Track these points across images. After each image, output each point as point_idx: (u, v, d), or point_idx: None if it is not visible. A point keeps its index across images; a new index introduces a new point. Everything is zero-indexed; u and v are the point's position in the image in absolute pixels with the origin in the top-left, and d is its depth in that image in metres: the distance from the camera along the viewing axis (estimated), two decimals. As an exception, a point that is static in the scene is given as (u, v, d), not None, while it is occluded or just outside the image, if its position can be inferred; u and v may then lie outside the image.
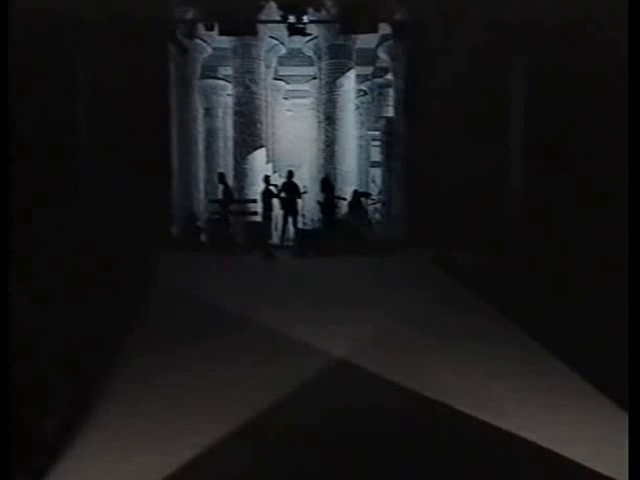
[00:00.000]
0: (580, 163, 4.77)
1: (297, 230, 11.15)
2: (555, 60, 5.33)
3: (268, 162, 14.49)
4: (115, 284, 5.33)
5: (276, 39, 14.21)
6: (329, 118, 13.97)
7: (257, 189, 12.92)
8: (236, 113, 13.78)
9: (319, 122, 14.65)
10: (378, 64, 16.36)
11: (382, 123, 14.66)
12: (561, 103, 5.19)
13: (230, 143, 15.38)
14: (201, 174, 15.58)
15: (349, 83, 14.08)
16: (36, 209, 4.22)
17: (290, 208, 11.05)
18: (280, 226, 11.39)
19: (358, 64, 14.51)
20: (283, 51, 15.09)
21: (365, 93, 19.36)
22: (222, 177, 11.89)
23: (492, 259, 6.34)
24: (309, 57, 15.25)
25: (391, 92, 15.44)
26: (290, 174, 11.27)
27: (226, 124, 17.53)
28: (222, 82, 17.16)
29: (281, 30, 12.17)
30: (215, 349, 4.44)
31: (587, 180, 4.57)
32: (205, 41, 13.87)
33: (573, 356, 3.90)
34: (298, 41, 13.48)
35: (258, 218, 11.73)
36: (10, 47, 2.34)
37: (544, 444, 2.81)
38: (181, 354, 4.29)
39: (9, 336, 2.19)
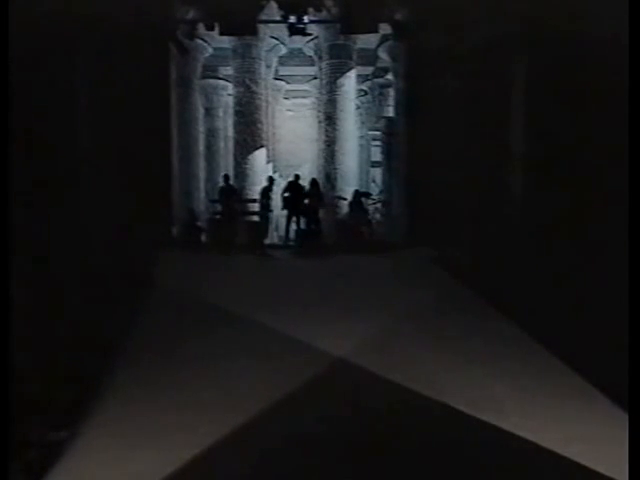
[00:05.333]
0: (580, 163, 4.77)
1: (298, 230, 11.16)
2: (555, 60, 5.33)
3: (268, 162, 14.47)
4: (115, 284, 5.33)
5: (277, 39, 14.19)
6: (329, 118, 13.96)
7: (257, 189, 12.91)
8: (237, 113, 13.77)
9: (319, 122, 14.63)
10: (378, 64, 16.33)
11: (382, 123, 14.64)
12: (561, 103, 5.19)
13: (230, 143, 15.35)
14: (201, 174, 15.57)
15: (350, 83, 14.06)
16: (36, 209, 4.22)
17: (295, 209, 11.09)
18: (284, 226, 11.44)
19: (359, 64, 14.48)
20: (284, 51, 15.07)
21: (365, 93, 19.34)
22: (227, 178, 11.97)
23: (491, 259, 6.34)
24: (310, 57, 15.22)
25: (391, 92, 15.41)
26: (297, 176, 11.39)
27: (227, 124, 17.50)
28: (223, 82, 17.13)
29: (282, 30, 12.16)
30: (215, 349, 4.44)
31: (587, 180, 4.57)
32: (206, 41, 13.85)
33: (573, 356, 3.90)
34: (299, 41, 13.46)
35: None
36: (10, 47, 2.34)
37: (544, 444, 2.81)
38: (181, 354, 4.30)
39: (9, 336, 2.19)
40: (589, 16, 4.46)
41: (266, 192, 11.36)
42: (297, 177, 11.43)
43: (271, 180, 11.56)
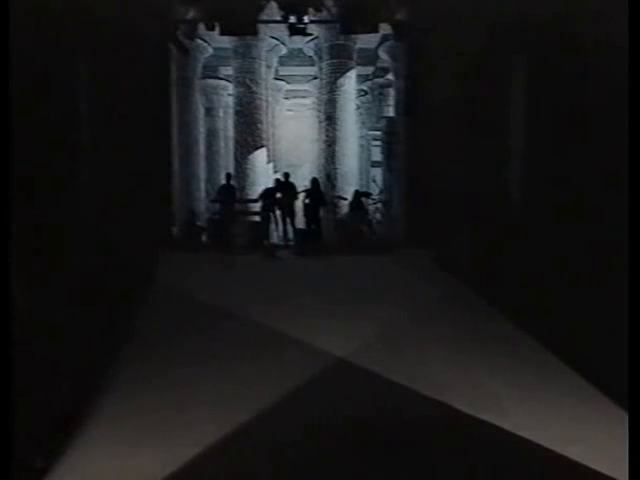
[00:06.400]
0: (580, 163, 4.77)
1: (295, 230, 11.18)
2: (555, 60, 5.33)
3: (269, 162, 14.48)
4: (115, 284, 5.33)
5: (277, 39, 14.21)
6: (330, 118, 13.97)
7: (258, 189, 12.92)
8: (237, 113, 13.78)
9: (320, 122, 14.64)
10: (379, 64, 16.35)
11: (383, 123, 14.64)
12: (561, 103, 5.19)
13: (231, 143, 15.37)
14: (202, 174, 15.59)
15: (350, 83, 14.07)
16: (36, 208, 4.22)
17: (287, 208, 11.12)
18: (280, 226, 11.45)
19: (359, 64, 14.50)
20: (284, 51, 15.09)
21: (366, 93, 19.35)
22: (229, 177, 11.99)
23: (492, 259, 6.34)
24: (310, 57, 15.24)
25: (392, 92, 15.42)
26: (286, 175, 11.40)
27: (227, 124, 17.53)
28: (223, 82, 17.16)
29: (282, 30, 12.16)
30: (215, 348, 4.44)
31: (587, 180, 4.57)
32: (206, 41, 13.87)
33: (573, 356, 3.90)
34: (299, 41, 13.46)
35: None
36: (10, 48, 2.34)
37: (544, 443, 2.81)
38: (181, 353, 4.30)
39: (9, 336, 2.19)
40: (589, 16, 4.46)
41: (270, 193, 11.33)
42: (287, 175, 11.43)
43: (278, 182, 11.55)
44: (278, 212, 11.31)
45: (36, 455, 2.61)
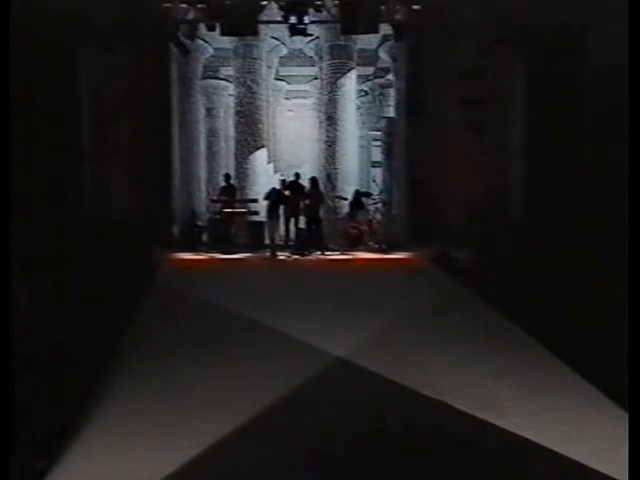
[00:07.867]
0: (580, 163, 4.77)
1: (296, 230, 11.16)
2: (556, 60, 5.34)
3: (269, 162, 14.49)
4: (116, 284, 5.34)
5: (277, 39, 14.23)
6: (330, 118, 13.98)
7: (258, 189, 12.92)
8: (237, 113, 13.80)
9: (320, 122, 14.66)
10: (379, 64, 16.37)
11: (383, 123, 14.66)
12: (561, 103, 5.20)
13: (231, 143, 15.39)
14: (202, 174, 15.60)
15: (350, 83, 14.09)
16: (36, 208, 4.22)
17: (294, 208, 11.07)
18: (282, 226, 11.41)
19: (359, 64, 14.52)
20: (284, 51, 15.11)
21: (366, 93, 19.36)
22: (228, 177, 11.96)
23: (492, 259, 6.34)
24: (310, 57, 15.26)
25: (392, 92, 15.44)
26: (297, 175, 11.35)
27: (227, 124, 17.54)
28: (223, 82, 17.18)
29: (282, 30, 12.16)
30: (215, 348, 4.44)
31: (587, 180, 4.57)
32: (207, 41, 13.89)
33: (573, 356, 3.90)
34: (299, 41, 13.49)
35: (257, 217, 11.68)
36: (11, 48, 2.34)
37: (544, 443, 2.81)
38: (181, 354, 4.30)
39: (10, 336, 2.19)
40: (588, 16, 4.47)
41: (275, 193, 11.27)
42: (297, 176, 11.36)
43: (290, 182, 11.48)
44: (282, 212, 11.27)
45: (37, 457, 2.61)
